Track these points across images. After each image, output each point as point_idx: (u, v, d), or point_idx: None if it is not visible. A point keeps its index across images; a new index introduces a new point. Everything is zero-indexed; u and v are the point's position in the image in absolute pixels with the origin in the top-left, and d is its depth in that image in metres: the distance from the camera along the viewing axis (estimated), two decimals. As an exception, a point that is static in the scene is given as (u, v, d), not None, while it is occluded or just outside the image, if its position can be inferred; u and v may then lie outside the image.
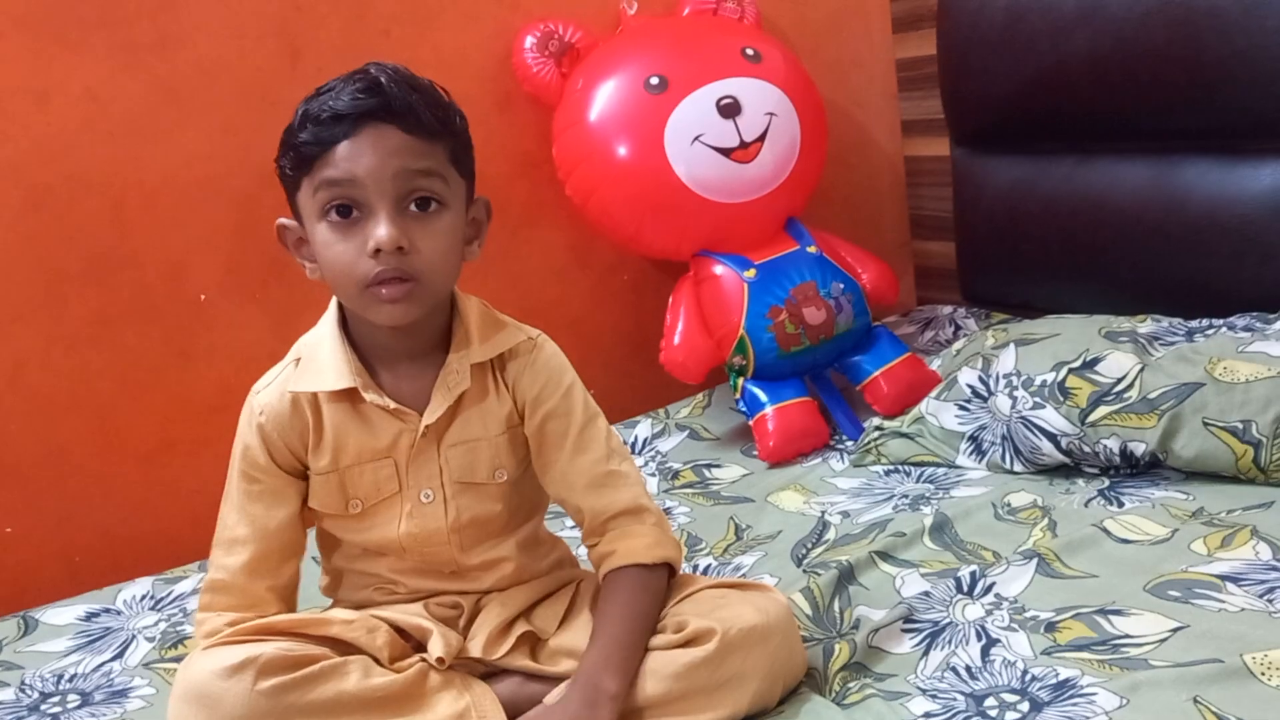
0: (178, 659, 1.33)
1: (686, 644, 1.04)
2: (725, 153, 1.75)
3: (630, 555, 1.09)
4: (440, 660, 1.06)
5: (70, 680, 1.34)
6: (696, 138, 1.74)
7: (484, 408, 1.09)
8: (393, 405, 1.06)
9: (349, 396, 1.07)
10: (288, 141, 1.01)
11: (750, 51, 1.81)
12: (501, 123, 1.89)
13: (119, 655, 1.39)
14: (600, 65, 1.81)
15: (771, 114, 1.79)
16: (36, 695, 1.31)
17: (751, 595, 1.09)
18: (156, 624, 1.45)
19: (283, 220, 1.06)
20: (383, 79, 0.99)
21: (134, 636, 1.43)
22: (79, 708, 1.28)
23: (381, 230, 0.97)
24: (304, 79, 1.06)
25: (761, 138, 1.77)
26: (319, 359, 1.07)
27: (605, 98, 1.78)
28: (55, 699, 1.30)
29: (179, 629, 1.43)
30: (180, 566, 1.60)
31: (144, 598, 1.53)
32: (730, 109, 1.75)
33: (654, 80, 1.76)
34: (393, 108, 0.98)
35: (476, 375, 1.08)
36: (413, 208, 0.99)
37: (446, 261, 1.02)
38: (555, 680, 1.07)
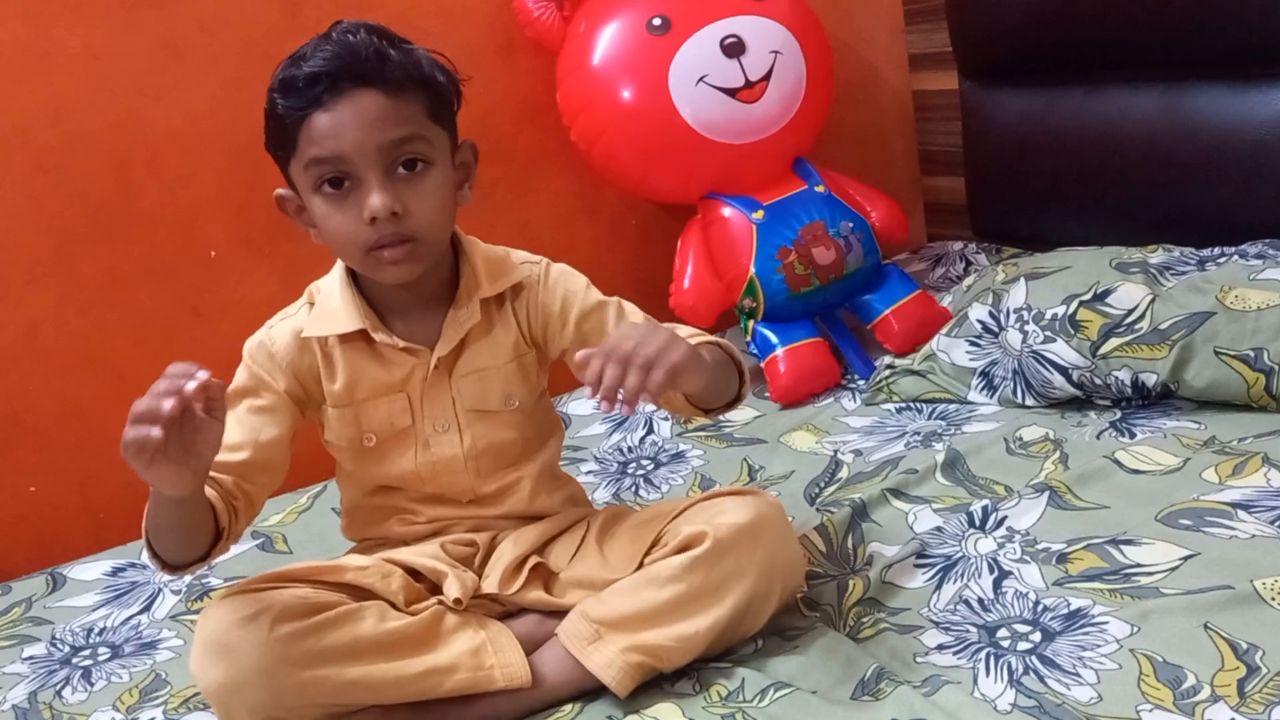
0: (203, 610, 1.35)
1: (681, 550, 1.06)
2: (730, 93, 1.74)
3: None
4: (457, 601, 1.08)
5: (100, 634, 1.37)
6: (701, 78, 1.72)
7: (491, 338, 1.13)
8: (402, 344, 1.10)
9: (363, 336, 1.10)
10: (270, 113, 1.03)
11: (753, -11, 1.79)
12: (504, 69, 1.87)
13: (146, 608, 1.42)
14: (602, 7, 1.79)
15: (776, 52, 1.76)
16: (67, 649, 1.34)
17: (743, 499, 1.11)
18: (182, 576, 1.48)
19: (280, 191, 1.09)
20: (350, 38, 1.00)
21: (160, 590, 1.46)
22: (109, 660, 1.31)
23: (375, 200, 1.00)
24: (304, 31, 1.05)
25: (767, 77, 1.75)
26: (330, 306, 1.10)
27: (608, 40, 1.76)
28: (86, 652, 1.33)
29: (204, 581, 1.45)
30: (202, 520, 1.63)
31: (168, 552, 1.55)
32: (734, 48, 1.73)
33: (656, 21, 1.74)
34: (365, 71, 0.99)
35: (482, 308, 1.12)
36: (401, 170, 1.02)
37: (441, 216, 1.06)
38: (569, 615, 1.10)
